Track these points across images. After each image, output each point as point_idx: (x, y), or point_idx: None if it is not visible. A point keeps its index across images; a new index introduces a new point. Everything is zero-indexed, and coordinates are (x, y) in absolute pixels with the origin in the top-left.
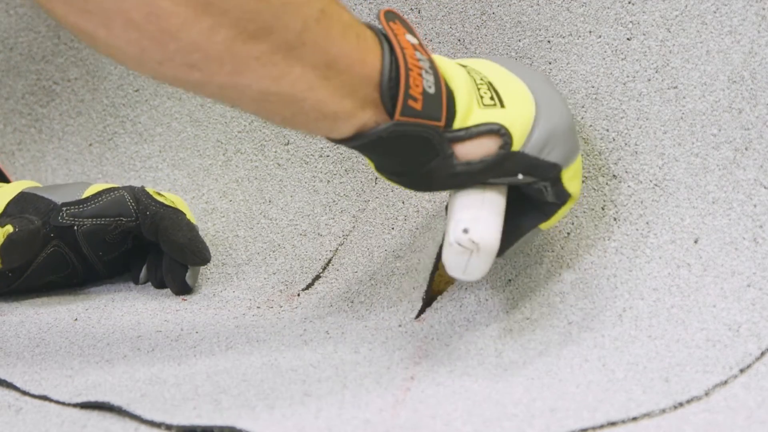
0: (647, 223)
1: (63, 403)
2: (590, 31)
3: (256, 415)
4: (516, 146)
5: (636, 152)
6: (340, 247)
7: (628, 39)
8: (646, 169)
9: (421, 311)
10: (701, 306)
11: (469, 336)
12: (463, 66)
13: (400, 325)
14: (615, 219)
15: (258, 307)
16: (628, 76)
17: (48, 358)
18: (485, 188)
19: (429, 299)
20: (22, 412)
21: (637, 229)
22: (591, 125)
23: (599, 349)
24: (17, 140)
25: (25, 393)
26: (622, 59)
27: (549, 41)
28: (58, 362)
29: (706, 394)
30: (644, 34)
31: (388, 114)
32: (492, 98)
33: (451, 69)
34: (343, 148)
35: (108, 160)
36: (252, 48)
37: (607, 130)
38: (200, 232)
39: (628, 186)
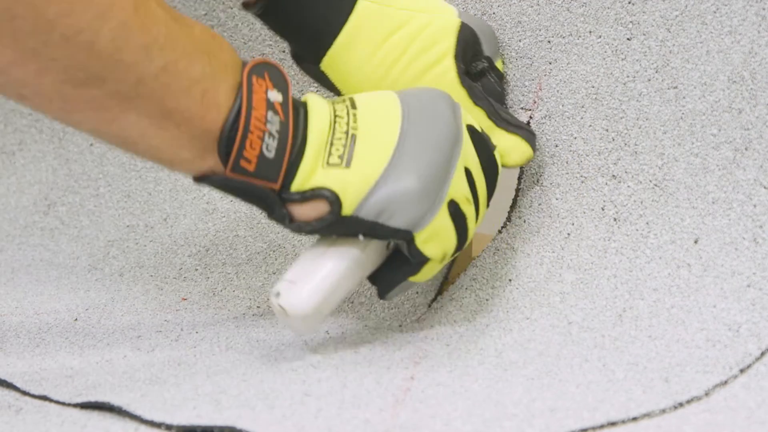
0: (647, 223)
1: (63, 403)
2: (590, 31)
3: (256, 415)
4: (346, 211)
5: (636, 152)
6: None
7: (628, 39)
8: (645, 169)
9: (434, 299)
10: (701, 306)
11: (469, 336)
12: (341, 112)
13: (400, 325)
14: (615, 219)
15: (258, 307)
16: (628, 76)
17: (48, 358)
18: (333, 243)
19: (442, 288)
20: (22, 412)
21: (637, 230)
22: (591, 125)
23: (599, 349)
24: (18, 140)
25: (25, 393)
26: (622, 59)
27: (549, 41)
28: (58, 362)
29: (706, 394)
30: (644, 34)
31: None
32: (341, 157)
33: (315, 123)
34: None
35: (109, 160)
36: (83, 92)
37: (607, 130)
38: (201, 232)
39: (628, 186)
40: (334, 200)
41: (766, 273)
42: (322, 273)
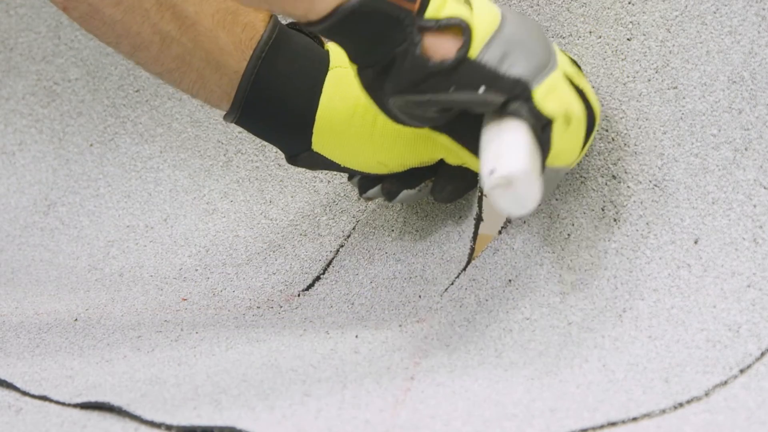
0: (647, 223)
1: (63, 403)
2: (590, 32)
3: (256, 415)
4: (473, 52)
5: (635, 153)
6: (340, 249)
7: (628, 39)
8: (645, 169)
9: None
10: (701, 306)
11: (469, 336)
12: None
13: (400, 326)
14: (615, 220)
15: (258, 307)
16: (628, 76)
17: (48, 358)
18: (501, 122)
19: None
20: (22, 412)
21: (637, 230)
22: None
23: (599, 349)
24: (18, 141)
25: (25, 393)
26: (622, 59)
27: None
28: (58, 362)
29: (706, 394)
30: (644, 35)
31: None
32: None
33: None
34: None
35: (109, 161)
36: None
37: (607, 130)
38: (201, 232)
39: (628, 186)
40: (468, 34)
41: (766, 273)
42: (516, 136)
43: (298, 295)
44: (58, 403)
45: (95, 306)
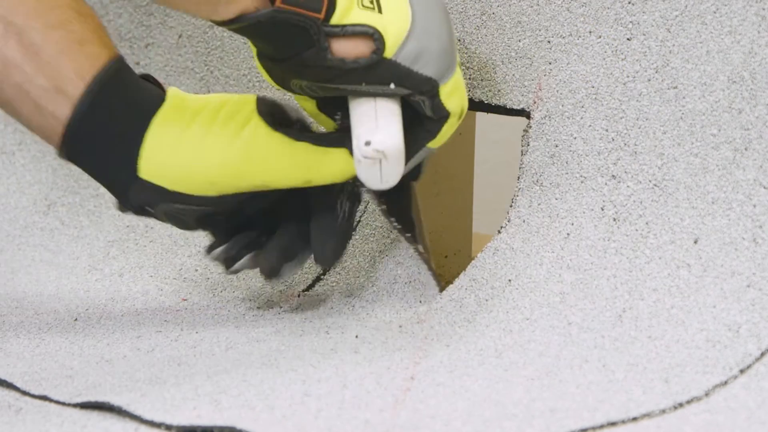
0: (647, 223)
1: (63, 403)
2: (590, 31)
3: (256, 415)
4: (388, 53)
5: (635, 152)
6: None
7: (628, 39)
8: (645, 169)
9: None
10: (701, 306)
11: (469, 336)
12: None
13: (400, 326)
14: (614, 219)
15: (258, 307)
16: (628, 76)
17: (48, 358)
18: (376, 98)
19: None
20: (22, 412)
21: (636, 230)
22: (591, 125)
23: (599, 349)
24: (17, 140)
25: (25, 393)
26: (622, 59)
27: (549, 41)
28: (58, 362)
29: (706, 394)
30: (644, 34)
31: (270, 0)
32: (372, 2)
33: None
34: None
35: None
36: None
37: (607, 130)
38: (201, 233)
39: (628, 186)
40: (379, 38)
41: (766, 273)
42: (392, 116)
43: (298, 295)
44: (58, 403)
45: (95, 306)
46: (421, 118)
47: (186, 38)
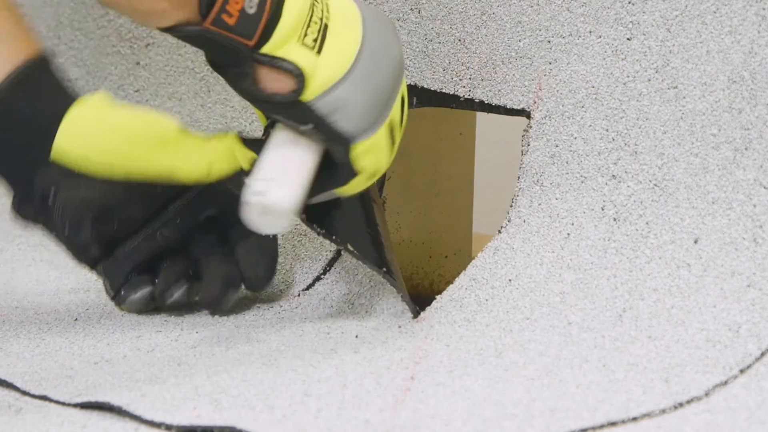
0: (647, 223)
1: (63, 403)
2: (590, 31)
3: (256, 415)
4: (307, 96)
5: (636, 152)
6: (341, 249)
7: (628, 39)
8: (645, 169)
9: (417, 313)
10: (701, 306)
11: (469, 336)
12: (317, 1)
13: (399, 326)
14: (615, 219)
15: (258, 307)
16: (628, 76)
17: (48, 358)
18: (298, 142)
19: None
20: (22, 412)
21: (636, 230)
22: (591, 125)
23: (599, 349)
24: None
25: (25, 393)
26: (622, 59)
27: (549, 41)
28: (58, 362)
29: (706, 394)
30: (644, 34)
31: (203, 18)
32: (315, 41)
33: (297, 1)
34: None
35: None
36: None
37: (607, 130)
38: None
39: (628, 186)
40: (301, 80)
41: (766, 273)
42: (301, 169)
43: (298, 295)
44: (58, 403)
45: (95, 306)
46: (335, 163)
47: None
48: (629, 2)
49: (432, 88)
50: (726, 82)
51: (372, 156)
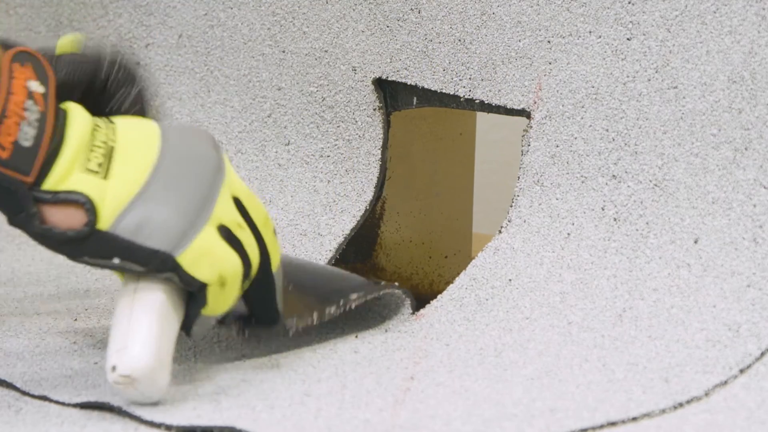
0: (647, 223)
1: (63, 403)
2: (590, 31)
3: (256, 415)
4: (103, 225)
5: (636, 152)
6: (340, 249)
7: (628, 39)
8: (645, 169)
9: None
10: (701, 306)
11: (469, 335)
12: (100, 125)
13: (400, 326)
14: (615, 219)
15: None
16: (628, 76)
17: (48, 358)
18: (135, 295)
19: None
20: (22, 412)
21: (636, 230)
22: (591, 125)
23: (599, 349)
24: None
25: (25, 393)
26: (622, 59)
27: (549, 41)
28: (58, 362)
29: (706, 394)
30: (644, 34)
31: None
32: (100, 165)
33: (77, 126)
34: (344, 149)
35: None
36: None
37: (607, 130)
38: None
39: (628, 186)
40: (90, 208)
41: (766, 273)
42: (149, 321)
43: None
44: (58, 403)
45: (95, 306)
46: None
47: (186, 38)
48: (629, 2)
49: (432, 88)
50: (726, 82)
51: (205, 262)
